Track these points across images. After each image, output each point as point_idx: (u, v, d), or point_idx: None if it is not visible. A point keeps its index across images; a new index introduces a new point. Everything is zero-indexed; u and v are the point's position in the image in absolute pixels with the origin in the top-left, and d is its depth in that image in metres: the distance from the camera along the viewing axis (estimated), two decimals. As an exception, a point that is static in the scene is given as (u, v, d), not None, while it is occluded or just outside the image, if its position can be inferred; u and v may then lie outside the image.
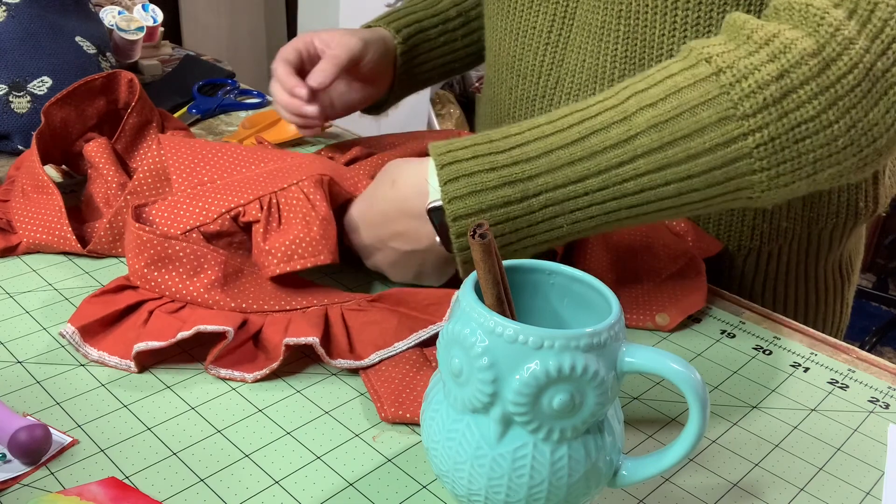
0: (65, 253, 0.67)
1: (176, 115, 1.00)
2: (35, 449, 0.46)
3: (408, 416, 0.51)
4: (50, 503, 0.42)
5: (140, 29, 1.10)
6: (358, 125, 1.01)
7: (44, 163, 0.72)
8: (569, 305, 0.46)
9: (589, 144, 0.53)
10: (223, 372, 0.54)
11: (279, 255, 0.60)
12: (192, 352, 0.57)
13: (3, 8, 0.87)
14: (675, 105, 0.53)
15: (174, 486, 0.45)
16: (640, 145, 0.53)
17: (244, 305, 0.58)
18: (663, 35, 0.68)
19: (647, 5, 0.67)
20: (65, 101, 0.74)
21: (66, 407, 0.51)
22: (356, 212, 0.64)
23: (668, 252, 0.67)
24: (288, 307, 0.59)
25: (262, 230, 0.61)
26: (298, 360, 0.57)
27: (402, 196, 0.59)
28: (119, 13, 1.09)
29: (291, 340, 0.54)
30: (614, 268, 0.66)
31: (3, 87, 0.85)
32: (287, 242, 0.60)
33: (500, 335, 0.39)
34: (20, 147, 0.86)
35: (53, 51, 0.88)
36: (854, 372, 0.60)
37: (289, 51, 0.79)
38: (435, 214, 0.57)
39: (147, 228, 0.59)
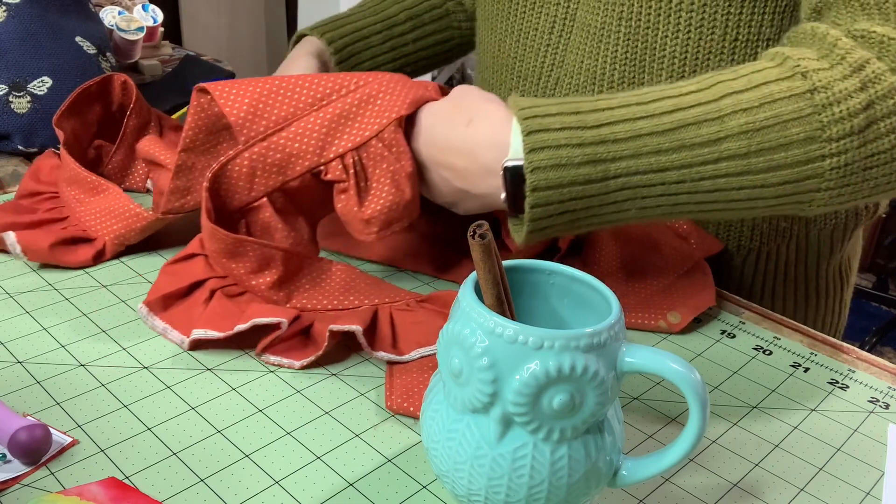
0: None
1: (176, 115, 1.00)
2: (35, 449, 0.46)
3: (412, 409, 0.52)
4: (50, 503, 0.42)
5: (140, 29, 1.10)
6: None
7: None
8: (569, 305, 0.46)
9: (678, 137, 0.53)
10: (273, 358, 0.56)
11: (378, 223, 0.59)
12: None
13: (3, 8, 0.87)
14: (768, 115, 0.53)
15: (174, 486, 0.45)
16: (727, 149, 0.53)
17: (299, 305, 0.60)
18: (665, 37, 0.68)
19: (651, 7, 0.67)
20: (69, 111, 0.74)
21: (66, 407, 0.51)
22: (424, 120, 0.61)
23: (677, 254, 0.67)
24: (340, 306, 0.60)
25: (353, 194, 0.60)
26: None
27: (476, 140, 0.57)
28: (119, 13, 1.09)
29: (336, 327, 0.55)
30: (624, 268, 0.66)
31: (3, 87, 0.85)
32: (385, 210, 0.59)
33: (500, 335, 0.39)
34: (20, 147, 0.86)
35: (53, 51, 0.88)
36: (854, 372, 0.60)
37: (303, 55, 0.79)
38: (509, 172, 0.55)
39: (220, 230, 0.58)
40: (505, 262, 0.43)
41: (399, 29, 0.89)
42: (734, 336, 0.64)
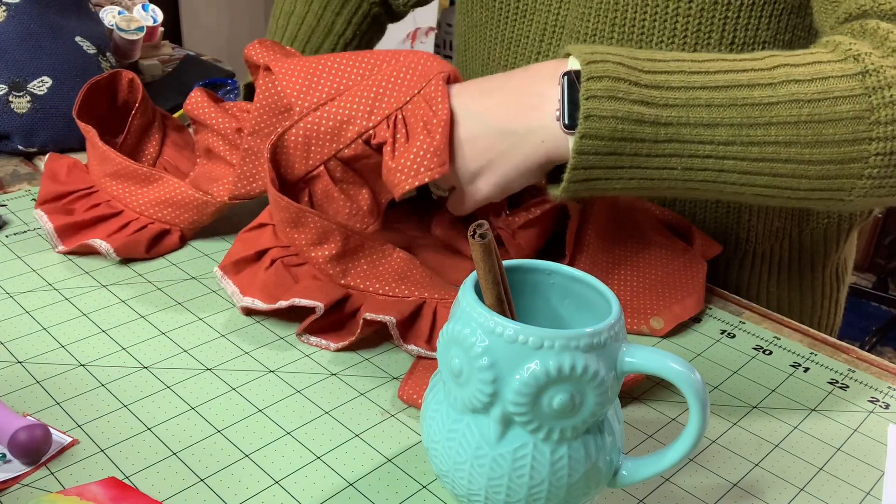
0: (70, 254, 0.67)
1: (176, 115, 1.00)
2: (35, 449, 0.46)
3: (420, 402, 0.52)
4: (50, 503, 0.42)
5: (140, 29, 1.10)
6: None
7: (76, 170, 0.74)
8: (569, 305, 0.46)
9: (730, 95, 0.53)
10: (313, 339, 0.59)
11: (405, 170, 0.59)
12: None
13: (3, 8, 0.87)
14: (820, 89, 0.53)
15: (174, 486, 0.45)
16: (777, 114, 0.53)
17: (352, 284, 0.61)
18: (661, 43, 0.67)
19: (646, 14, 0.67)
20: (83, 107, 0.74)
21: (66, 407, 0.51)
22: (458, 85, 0.60)
23: (665, 252, 0.67)
24: (391, 293, 0.61)
25: (390, 149, 0.60)
26: (299, 360, 0.57)
27: (535, 72, 0.56)
28: (119, 13, 1.09)
29: (369, 316, 0.56)
30: (609, 270, 0.66)
31: (3, 87, 0.85)
32: (412, 156, 0.59)
33: (500, 335, 0.39)
34: (20, 147, 0.86)
35: (53, 51, 0.88)
36: (854, 372, 0.60)
37: None
38: (567, 91, 0.53)
39: (284, 198, 0.60)
40: (505, 262, 0.43)
41: (344, 38, 0.90)
42: (734, 336, 0.64)
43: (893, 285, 2.69)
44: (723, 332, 0.64)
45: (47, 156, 0.76)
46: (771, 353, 0.62)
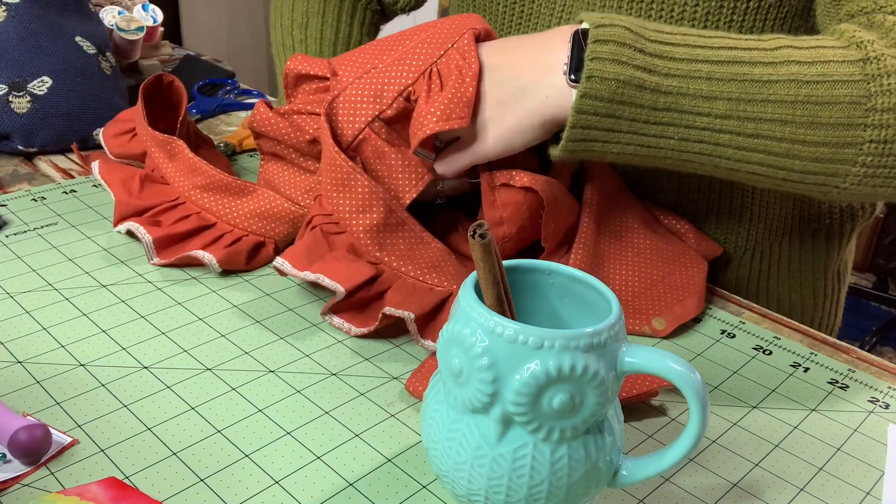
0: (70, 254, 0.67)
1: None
2: (35, 449, 0.46)
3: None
4: (50, 503, 0.42)
5: (140, 29, 1.10)
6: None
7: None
8: (569, 305, 0.46)
9: (730, 70, 0.54)
10: (335, 320, 0.60)
11: (438, 113, 0.60)
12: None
13: (3, 8, 0.87)
14: (819, 72, 0.54)
15: (174, 486, 0.45)
16: (775, 92, 0.54)
17: (386, 259, 0.62)
18: None
19: (650, 18, 0.67)
20: (148, 116, 0.75)
21: (66, 407, 0.51)
22: (488, 42, 0.63)
23: (666, 254, 0.67)
24: (421, 279, 0.62)
25: (425, 96, 0.61)
26: (300, 360, 0.57)
27: (552, 34, 0.59)
28: (119, 13, 1.09)
29: (389, 310, 0.57)
30: (610, 273, 0.66)
31: (3, 87, 0.85)
32: (445, 101, 0.60)
33: (500, 335, 0.39)
34: (20, 147, 0.86)
35: (53, 51, 0.88)
36: (854, 372, 0.60)
37: None
38: (575, 48, 0.56)
39: (340, 153, 0.62)
40: (505, 262, 0.43)
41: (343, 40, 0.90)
42: (734, 336, 0.64)
43: (893, 285, 2.69)
44: (723, 332, 0.64)
45: (96, 165, 0.73)
46: (771, 353, 0.62)
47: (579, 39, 0.56)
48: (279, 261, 0.60)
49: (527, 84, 0.58)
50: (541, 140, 0.60)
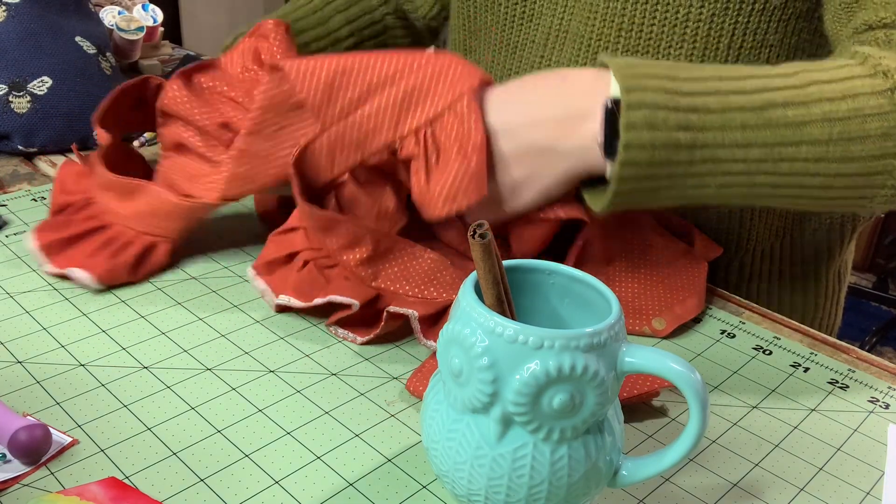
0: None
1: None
2: (35, 449, 0.46)
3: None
4: (50, 503, 0.42)
5: (140, 29, 1.10)
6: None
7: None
8: (569, 305, 0.46)
9: (765, 116, 0.54)
10: (340, 331, 0.60)
11: (443, 194, 0.59)
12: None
13: (3, 8, 0.87)
14: (851, 107, 0.54)
15: (174, 486, 0.45)
16: (808, 133, 0.54)
17: (383, 286, 0.61)
18: (669, 48, 0.67)
19: (655, 19, 0.67)
20: (108, 112, 0.72)
21: (66, 407, 0.51)
22: (495, 95, 0.60)
23: (666, 252, 0.67)
24: (420, 296, 0.61)
25: (423, 169, 0.60)
26: (300, 360, 0.57)
27: (573, 90, 0.58)
28: (119, 13, 1.09)
29: (392, 308, 0.57)
30: (611, 271, 0.66)
31: (3, 87, 0.85)
32: (449, 179, 0.58)
33: (500, 335, 0.39)
34: (20, 147, 0.86)
35: (53, 51, 0.88)
36: (854, 372, 0.60)
37: None
38: (608, 117, 0.55)
39: (315, 209, 0.60)
40: (505, 262, 0.43)
41: (343, 45, 0.87)
42: (734, 336, 0.64)
43: (893, 285, 2.69)
44: (723, 332, 0.64)
45: (60, 164, 0.73)
46: (771, 353, 0.62)
47: (612, 110, 0.55)
48: (284, 298, 0.59)
49: (556, 146, 0.57)
50: (576, 185, 0.61)
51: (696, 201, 0.57)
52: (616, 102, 0.54)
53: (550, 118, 0.57)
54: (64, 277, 0.63)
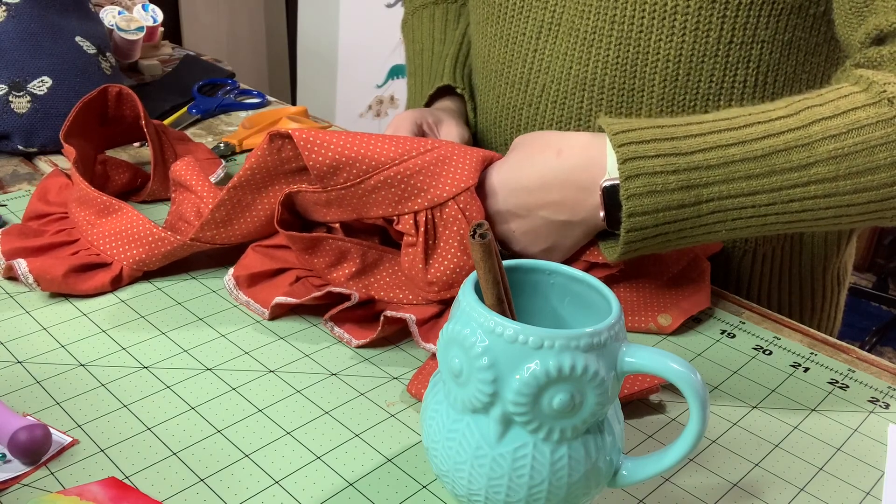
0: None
1: (176, 115, 1.00)
2: (35, 449, 0.46)
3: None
4: (50, 503, 0.42)
5: (140, 29, 1.10)
6: (358, 125, 1.01)
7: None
8: (569, 305, 0.46)
9: (769, 163, 0.54)
10: (336, 329, 0.60)
11: (440, 284, 0.61)
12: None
13: (3, 8, 0.87)
14: (857, 141, 0.54)
15: (174, 486, 0.45)
16: (816, 173, 0.54)
17: (375, 296, 0.62)
18: (660, 41, 0.67)
19: (644, 11, 0.67)
20: (73, 126, 0.72)
21: (66, 407, 0.51)
22: (498, 178, 0.62)
23: (671, 254, 0.67)
24: (415, 301, 0.62)
25: (420, 252, 0.60)
26: (299, 360, 0.57)
27: (570, 166, 0.59)
28: (119, 13, 1.09)
29: (389, 313, 0.58)
30: (615, 272, 0.66)
31: (3, 87, 0.85)
32: (448, 272, 0.60)
33: (500, 335, 0.39)
34: (20, 147, 0.86)
35: (53, 51, 0.88)
36: (854, 372, 0.60)
37: (406, 125, 0.76)
38: (607, 193, 0.57)
39: (294, 235, 0.61)
40: (505, 262, 0.43)
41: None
42: (734, 336, 0.64)
43: (893, 285, 2.69)
44: (723, 332, 0.64)
45: (48, 173, 0.73)
46: (771, 353, 0.62)
47: (611, 190, 0.57)
48: (280, 298, 0.60)
49: (569, 219, 0.60)
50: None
51: (710, 242, 0.59)
52: (612, 190, 0.57)
53: (560, 201, 0.60)
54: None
